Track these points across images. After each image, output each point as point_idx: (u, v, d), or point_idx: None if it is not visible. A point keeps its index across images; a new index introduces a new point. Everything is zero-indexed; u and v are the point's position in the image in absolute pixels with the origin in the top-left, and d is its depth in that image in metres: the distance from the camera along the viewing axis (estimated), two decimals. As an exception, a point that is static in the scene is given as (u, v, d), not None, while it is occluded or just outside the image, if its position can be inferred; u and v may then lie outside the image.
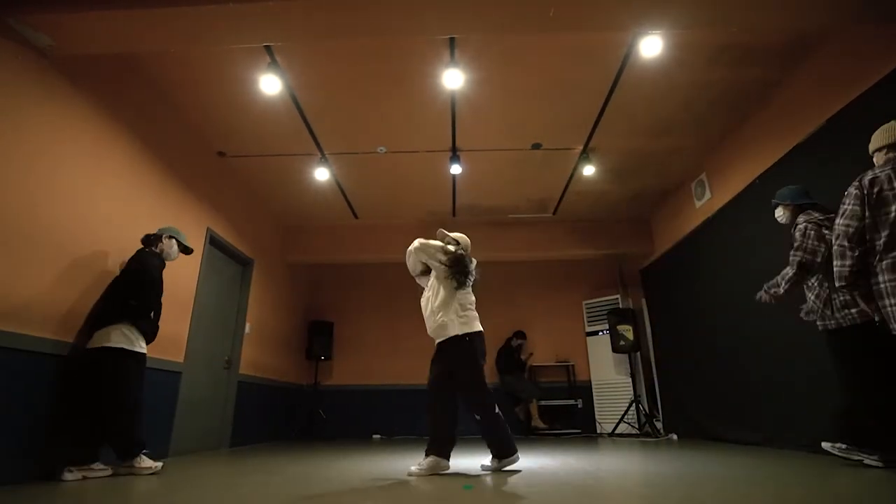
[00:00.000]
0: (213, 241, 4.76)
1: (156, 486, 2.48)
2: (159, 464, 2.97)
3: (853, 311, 2.57)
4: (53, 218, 2.85)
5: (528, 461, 3.36)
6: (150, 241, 3.29)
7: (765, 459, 3.19)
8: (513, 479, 2.53)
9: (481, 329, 2.95)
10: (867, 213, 2.35)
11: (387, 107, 4.22)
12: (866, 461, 2.57)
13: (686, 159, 5.10)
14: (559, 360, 7.07)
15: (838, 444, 2.75)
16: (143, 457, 2.94)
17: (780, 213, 3.05)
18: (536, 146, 4.87)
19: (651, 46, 3.41)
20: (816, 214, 2.83)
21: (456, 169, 5.03)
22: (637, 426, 6.09)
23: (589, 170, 5.12)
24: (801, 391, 3.57)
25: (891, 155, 2.44)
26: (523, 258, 6.91)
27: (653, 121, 4.43)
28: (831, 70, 3.40)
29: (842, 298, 2.61)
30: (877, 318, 2.40)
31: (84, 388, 2.81)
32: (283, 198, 5.92)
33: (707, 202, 5.08)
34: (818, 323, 2.82)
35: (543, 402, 6.59)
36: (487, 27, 2.94)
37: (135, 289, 3.01)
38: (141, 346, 3.00)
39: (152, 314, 3.09)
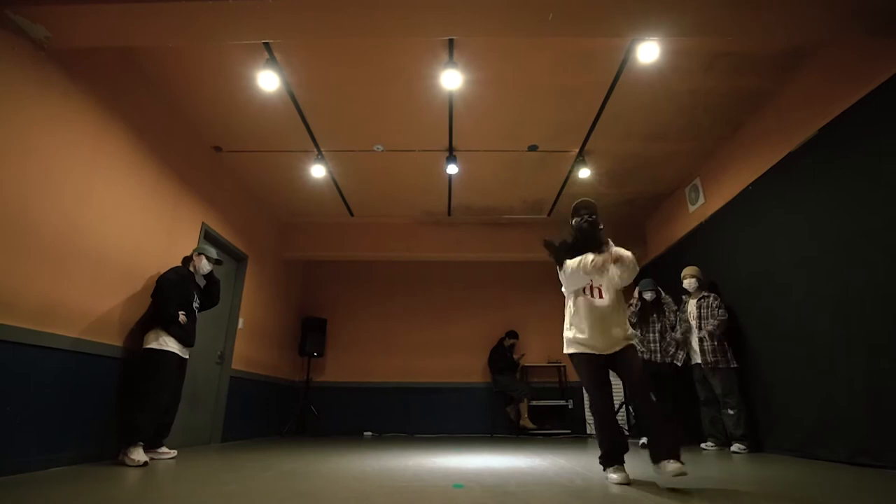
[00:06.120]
0: (208, 237, 4.75)
1: (143, 480, 2.49)
2: (146, 458, 3.06)
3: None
4: (48, 212, 2.84)
5: (518, 461, 3.39)
6: (187, 260, 3.85)
7: (749, 463, 3.23)
8: (503, 478, 2.56)
9: None
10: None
11: (384, 106, 4.23)
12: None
13: (680, 164, 5.14)
14: (551, 361, 7.11)
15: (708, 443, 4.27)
16: (137, 448, 3.02)
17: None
18: (532, 148, 4.90)
19: (648, 52, 3.44)
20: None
21: (452, 169, 5.05)
22: (627, 428, 6.14)
23: (584, 173, 5.15)
24: (785, 396, 3.62)
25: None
26: (517, 259, 6.94)
27: (648, 125, 4.47)
28: (823, 81, 3.45)
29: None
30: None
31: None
32: (279, 194, 5.92)
33: (700, 207, 5.13)
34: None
35: (535, 403, 6.63)
36: (486, 30, 2.95)
37: (154, 299, 3.52)
38: (168, 346, 3.40)
39: (184, 319, 3.49)
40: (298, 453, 3.91)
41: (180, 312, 3.48)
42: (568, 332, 2.59)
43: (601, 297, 2.51)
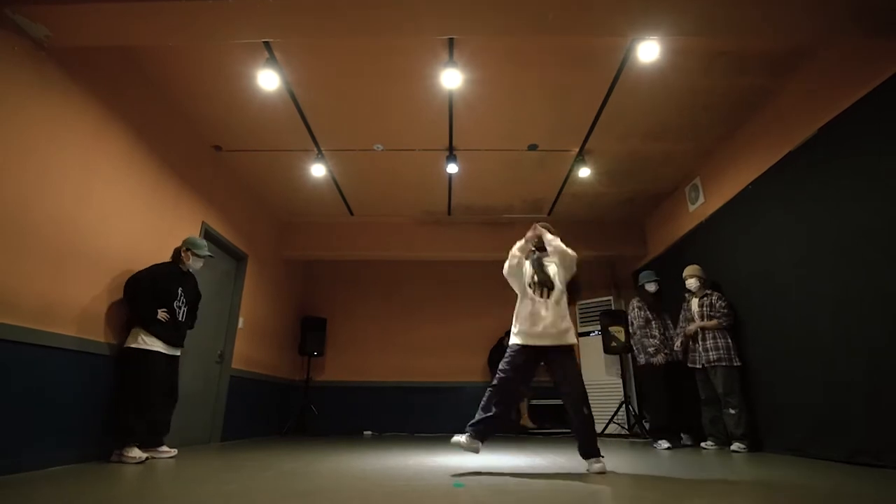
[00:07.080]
0: (208, 236, 4.75)
1: (143, 479, 2.49)
2: (144, 455, 3.09)
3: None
4: (47, 212, 2.84)
5: (518, 460, 3.39)
6: (175, 255, 3.68)
7: (748, 463, 3.24)
8: (503, 477, 2.56)
9: None
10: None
11: (384, 105, 4.22)
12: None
13: (681, 163, 5.14)
14: (551, 360, 7.11)
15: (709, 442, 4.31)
16: (132, 447, 3.05)
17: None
18: (532, 147, 4.90)
19: (648, 51, 3.44)
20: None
21: (452, 168, 5.05)
22: (626, 427, 6.15)
23: (584, 172, 5.15)
24: (785, 396, 3.63)
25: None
26: (517, 258, 6.93)
27: (648, 125, 4.47)
28: (823, 81, 3.44)
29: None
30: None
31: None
32: (279, 193, 5.92)
33: (700, 206, 5.13)
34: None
35: (535, 402, 6.64)
36: (486, 29, 2.95)
37: (128, 298, 3.35)
38: (149, 345, 3.30)
39: (165, 317, 3.37)
40: (298, 453, 3.91)
41: (160, 310, 3.36)
42: (514, 328, 2.99)
43: (548, 296, 2.97)
